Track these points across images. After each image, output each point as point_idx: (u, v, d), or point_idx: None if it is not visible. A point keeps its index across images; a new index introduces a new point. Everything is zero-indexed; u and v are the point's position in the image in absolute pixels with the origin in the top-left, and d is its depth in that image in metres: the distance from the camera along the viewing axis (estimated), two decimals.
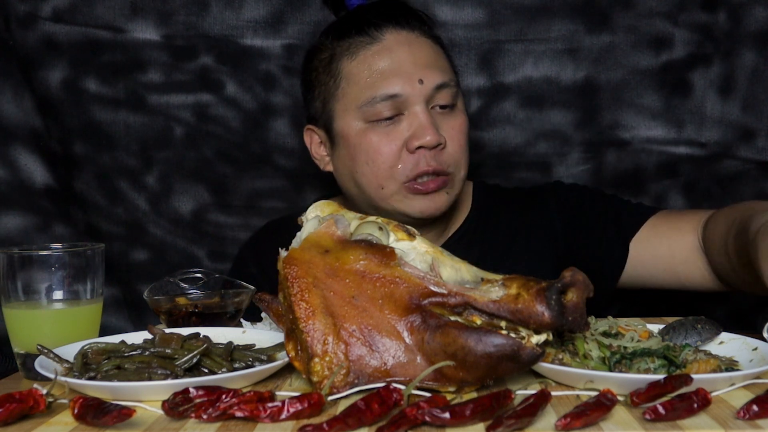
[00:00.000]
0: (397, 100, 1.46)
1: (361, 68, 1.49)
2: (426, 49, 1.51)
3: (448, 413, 0.82)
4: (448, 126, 1.49)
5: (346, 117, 1.50)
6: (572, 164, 1.93)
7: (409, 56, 1.48)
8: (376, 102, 1.46)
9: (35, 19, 1.86)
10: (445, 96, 1.49)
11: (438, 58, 1.52)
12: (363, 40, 1.50)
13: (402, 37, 1.50)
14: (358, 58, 1.49)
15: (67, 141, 1.90)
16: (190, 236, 1.95)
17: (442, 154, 1.48)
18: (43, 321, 1.14)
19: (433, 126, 1.46)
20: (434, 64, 1.50)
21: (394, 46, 1.49)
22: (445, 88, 1.49)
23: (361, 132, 1.49)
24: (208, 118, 1.92)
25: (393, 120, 1.48)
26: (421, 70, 1.47)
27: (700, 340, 1.10)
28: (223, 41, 1.90)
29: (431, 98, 1.48)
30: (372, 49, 1.49)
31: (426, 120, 1.46)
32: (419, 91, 1.46)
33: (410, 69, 1.47)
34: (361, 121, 1.49)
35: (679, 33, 1.89)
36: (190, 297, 1.30)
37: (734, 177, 1.91)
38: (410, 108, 1.47)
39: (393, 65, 1.47)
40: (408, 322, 0.94)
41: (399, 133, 1.47)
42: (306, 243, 1.01)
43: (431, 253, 0.99)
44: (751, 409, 0.83)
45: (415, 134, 1.46)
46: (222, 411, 0.86)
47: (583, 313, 0.93)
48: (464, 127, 1.52)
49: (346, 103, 1.50)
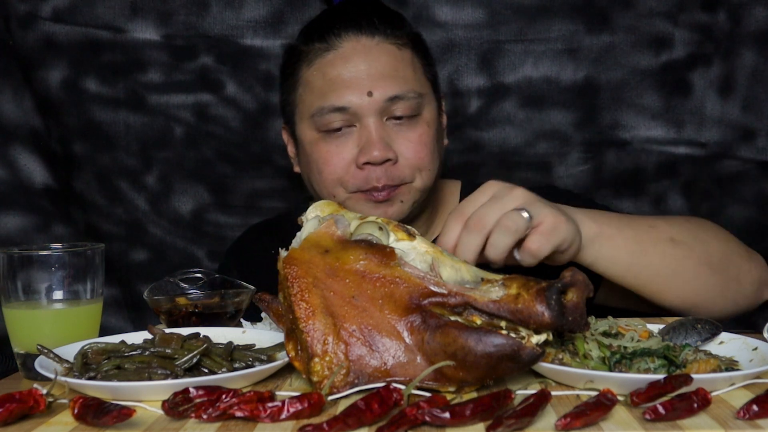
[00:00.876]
0: (347, 113, 1.42)
1: (316, 76, 1.45)
2: (384, 58, 1.44)
3: (448, 413, 0.82)
4: (404, 139, 1.43)
5: (302, 124, 1.48)
6: (572, 164, 1.93)
7: (363, 65, 1.42)
8: (325, 113, 1.42)
9: (35, 19, 1.86)
10: (403, 108, 1.43)
11: (399, 68, 1.44)
12: (321, 47, 1.45)
13: (360, 45, 1.44)
14: (314, 66, 1.45)
15: (67, 141, 1.90)
16: (189, 236, 1.95)
17: (394, 169, 1.42)
18: (43, 321, 1.13)
19: (382, 141, 1.41)
20: (392, 74, 1.43)
21: (349, 55, 1.43)
22: (402, 100, 1.42)
23: (313, 141, 1.46)
24: (208, 118, 1.92)
25: (344, 131, 1.43)
26: (373, 81, 1.41)
27: (700, 340, 1.10)
28: (223, 41, 1.90)
29: (384, 110, 1.42)
30: (327, 57, 1.44)
31: (375, 134, 1.41)
32: (369, 103, 1.41)
33: (361, 80, 1.41)
34: (313, 131, 1.45)
35: (679, 33, 1.89)
36: (190, 297, 1.30)
37: (734, 177, 1.91)
38: (362, 120, 1.42)
39: (345, 75, 1.42)
40: (408, 322, 0.94)
41: (349, 146, 1.43)
42: (306, 243, 1.01)
43: (431, 253, 0.99)
44: (751, 409, 0.83)
45: (363, 149, 1.41)
46: (222, 411, 0.86)
47: (583, 313, 0.93)
48: (425, 139, 1.45)
49: (302, 111, 1.47)
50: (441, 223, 1.59)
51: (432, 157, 1.47)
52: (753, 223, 1.93)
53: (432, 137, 1.47)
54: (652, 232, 1.29)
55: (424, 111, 1.47)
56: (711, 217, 1.92)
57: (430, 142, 1.46)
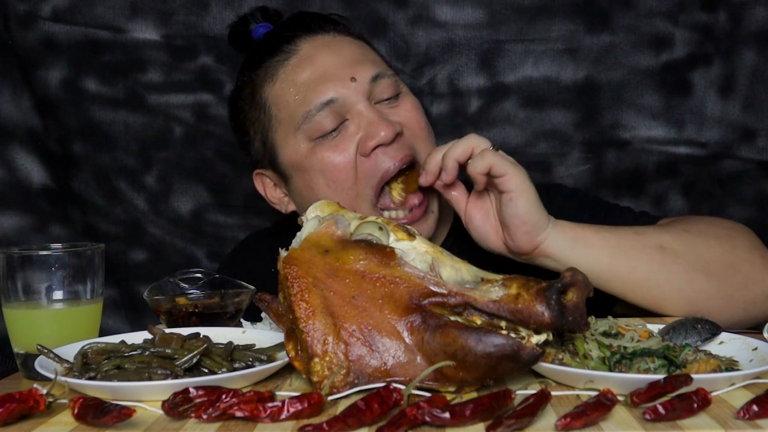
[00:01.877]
0: (335, 106, 1.35)
1: (286, 87, 1.37)
2: (348, 46, 1.40)
3: (448, 413, 0.82)
4: (400, 112, 1.38)
5: (288, 144, 1.38)
6: (572, 164, 1.93)
7: (332, 58, 1.37)
8: (312, 115, 1.34)
9: (35, 18, 1.86)
10: (386, 87, 1.37)
11: (365, 53, 1.41)
12: (278, 59, 1.39)
13: (318, 41, 1.40)
14: (279, 78, 1.38)
15: (66, 141, 1.90)
16: (189, 236, 1.95)
17: (404, 139, 1.35)
18: (43, 321, 1.13)
19: (384, 119, 1.34)
20: (362, 59, 1.39)
21: (312, 54, 1.38)
22: (383, 78, 1.37)
23: (308, 153, 1.36)
24: (208, 118, 1.92)
25: (338, 130, 1.35)
26: (350, 67, 1.36)
27: (700, 340, 1.10)
28: (223, 41, 1.89)
29: (371, 93, 1.36)
30: (290, 64, 1.38)
31: (373, 115, 1.34)
32: (355, 89, 1.35)
33: (337, 70, 1.36)
34: (306, 141, 1.36)
35: (680, 33, 1.89)
36: (190, 297, 1.30)
37: (734, 177, 1.91)
38: (352, 110, 1.35)
39: (318, 72, 1.36)
40: (408, 322, 0.94)
41: (349, 140, 1.35)
42: (306, 243, 1.01)
43: (431, 253, 0.99)
44: (751, 409, 0.83)
45: (367, 134, 1.33)
46: (222, 411, 0.86)
47: (583, 313, 0.93)
48: (418, 111, 1.39)
49: (284, 130, 1.38)
50: (444, 226, 1.55)
51: (429, 135, 1.41)
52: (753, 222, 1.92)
53: (422, 114, 1.42)
54: (639, 237, 1.28)
55: (404, 88, 1.43)
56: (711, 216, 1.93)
57: (422, 116, 1.41)
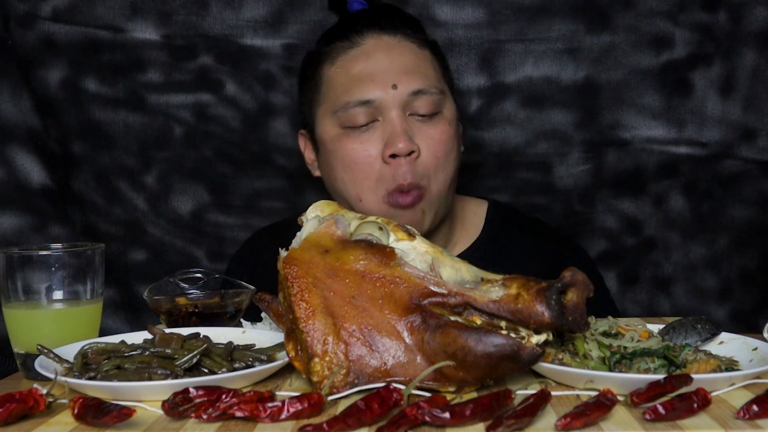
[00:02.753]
0: (372, 106, 1.43)
1: (339, 73, 1.46)
2: (407, 54, 1.47)
3: (448, 413, 0.82)
4: (426, 135, 1.44)
5: (324, 122, 1.49)
6: (572, 164, 1.92)
7: (386, 60, 1.45)
8: (349, 107, 1.43)
9: (35, 18, 1.86)
10: (425, 104, 1.44)
11: (420, 65, 1.47)
12: (344, 45, 1.48)
13: (382, 41, 1.47)
14: (337, 63, 1.47)
15: (66, 141, 1.90)
16: (189, 236, 1.95)
17: (416, 164, 1.42)
18: (43, 321, 1.13)
19: (406, 133, 1.41)
20: (413, 70, 1.45)
21: (372, 51, 1.46)
22: (424, 95, 1.43)
23: (336, 138, 1.46)
24: (208, 118, 1.92)
25: (368, 126, 1.43)
26: (397, 75, 1.43)
27: (700, 340, 1.10)
28: (223, 41, 1.90)
29: (408, 105, 1.43)
30: (350, 54, 1.46)
31: (399, 127, 1.41)
32: (393, 96, 1.42)
33: (385, 74, 1.43)
34: (337, 127, 1.46)
35: (680, 33, 1.88)
36: (190, 297, 1.30)
37: (735, 177, 1.91)
38: (385, 114, 1.43)
39: (368, 70, 1.44)
40: (408, 322, 0.94)
41: (374, 140, 1.43)
42: (306, 243, 1.01)
43: (431, 253, 0.99)
44: (751, 409, 0.83)
45: (388, 142, 1.41)
46: (222, 411, 0.86)
47: (583, 313, 0.93)
48: (445, 137, 1.45)
49: (325, 108, 1.48)
50: (460, 241, 1.58)
51: (448, 159, 1.46)
52: (754, 223, 1.93)
53: (451, 137, 1.47)
54: None
55: (445, 110, 1.48)
56: (712, 216, 1.93)
57: (449, 141, 1.46)
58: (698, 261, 1.94)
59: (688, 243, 1.94)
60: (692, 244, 1.94)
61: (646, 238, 1.95)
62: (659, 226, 1.94)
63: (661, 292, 1.96)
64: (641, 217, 1.94)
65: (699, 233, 1.94)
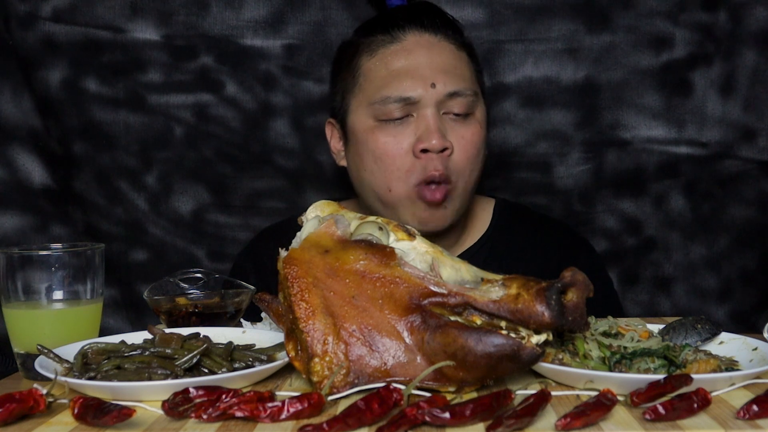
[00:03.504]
0: (409, 103, 1.46)
1: (379, 66, 1.49)
2: (446, 54, 1.50)
3: (448, 413, 0.82)
4: (458, 135, 1.47)
5: (358, 112, 1.51)
6: (572, 164, 1.93)
7: (426, 59, 1.47)
8: (388, 102, 1.46)
9: (35, 19, 1.86)
10: (460, 104, 1.47)
11: (458, 65, 1.50)
12: (384, 39, 1.50)
13: (423, 39, 1.49)
14: (377, 56, 1.50)
15: (67, 141, 1.90)
16: (189, 236, 1.95)
17: (449, 160, 1.46)
18: (43, 321, 1.13)
19: (440, 131, 1.44)
20: (452, 71, 1.48)
21: (413, 48, 1.48)
22: (460, 96, 1.47)
23: (369, 129, 1.48)
24: (208, 118, 1.92)
25: (402, 120, 1.47)
26: (437, 74, 1.46)
27: (700, 340, 1.10)
28: (223, 41, 1.90)
29: (443, 104, 1.47)
30: (391, 48, 1.49)
31: (433, 124, 1.45)
32: (431, 94, 1.45)
33: (425, 72, 1.46)
34: (371, 119, 1.48)
35: (680, 33, 1.88)
36: (190, 297, 1.30)
37: (735, 177, 1.91)
38: (420, 111, 1.46)
39: (409, 66, 1.47)
40: (408, 322, 0.94)
41: (407, 134, 1.46)
42: (306, 243, 1.01)
43: (431, 253, 0.99)
44: (751, 409, 0.83)
45: (421, 137, 1.45)
46: (222, 411, 0.86)
47: (583, 313, 0.93)
48: (476, 139, 1.49)
49: (361, 99, 1.50)
50: (468, 237, 1.61)
51: (478, 159, 1.50)
52: (754, 223, 1.92)
53: (482, 138, 1.51)
54: None
55: (477, 112, 1.51)
56: (712, 216, 1.93)
57: (479, 142, 1.50)
58: (698, 261, 1.94)
59: (688, 243, 1.94)
60: (692, 244, 1.94)
61: (646, 238, 1.95)
62: (659, 226, 1.94)
63: (661, 292, 1.96)
64: (641, 217, 1.94)
65: (699, 233, 1.94)
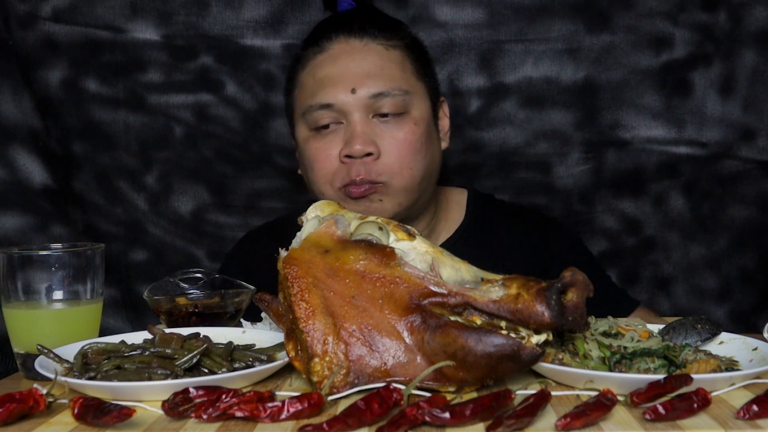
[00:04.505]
0: (334, 109, 1.46)
1: (308, 77, 1.51)
2: (371, 57, 1.48)
3: (448, 413, 0.82)
4: (389, 136, 1.46)
5: (298, 124, 1.54)
6: (572, 164, 1.93)
7: (349, 65, 1.48)
8: (313, 110, 1.48)
9: (35, 19, 1.86)
10: (389, 105, 1.46)
11: (385, 66, 1.48)
12: (314, 51, 1.52)
13: (348, 46, 1.49)
14: (307, 68, 1.52)
15: (67, 141, 1.90)
16: (189, 236, 1.95)
17: (375, 164, 1.45)
18: (43, 321, 1.13)
19: (364, 135, 1.44)
20: (377, 73, 1.47)
21: (338, 55, 1.49)
22: (387, 96, 1.46)
23: (306, 139, 1.51)
24: (208, 118, 1.92)
25: (332, 129, 1.48)
26: (358, 79, 1.46)
27: (700, 340, 1.10)
28: (223, 41, 1.90)
29: (371, 107, 1.46)
30: (318, 59, 1.51)
31: (358, 129, 1.45)
32: (353, 99, 1.45)
33: (346, 78, 1.46)
34: (306, 129, 1.51)
35: (680, 33, 1.89)
36: (190, 297, 1.30)
37: (735, 177, 1.91)
38: (348, 117, 1.46)
39: (331, 74, 1.48)
40: (408, 322, 0.94)
41: (336, 141, 1.47)
42: (306, 243, 1.01)
43: (431, 253, 0.99)
44: (751, 409, 0.83)
45: (346, 142, 1.46)
46: (222, 411, 0.86)
47: (583, 313, 0.93)
48: (411, 137, 1.47)
49: (297, 111, 1.54)
50: (444, 229, 1.61)
51: (416, 157, 1.48)
52: (754, 223, 1.93)
53: (419, 137, 1.48)
54: None
55: (412, 110, 1.49)
56: (712, 216, 1.93)
57: (415, 141, 1.48)
58: (698, 261, 1.94)
59: (688, 243, 1.94)
60: (692, 244, 1.94)
61: (645, 238, 1.95)
62: (659, 226, 1.94)
63: (660, 292, 1.96)
64: (641, 217, 1.94)
65: (699, 233, 1.94)
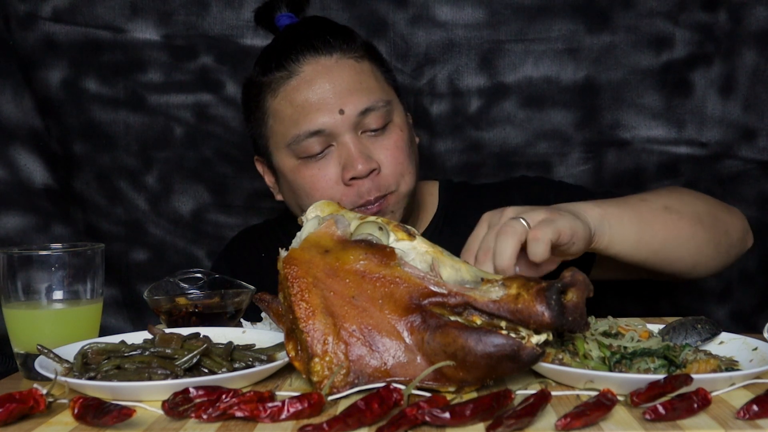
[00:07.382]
0: (323, 135, 1.43)
1: (284, 105, 1.45)
2: (347, 73, 1.45)
3: (448, 413, 0.82)
4: (381, 148, 1.45)
5: (279, 154, 1.49)
6: (572, 164, 1.93)
7: (328, 86, 1.43)
8: (301, 140, 1.43)
9: (35, 19, 1.86)
10: (376, 119, 1.45)
11: (363, 80, 1.46)
12: (282, 75, 1.46)
13: (320, 65, 1.45)
14: (280, 95, 1.46)
15: (67, 141, 1.90)
16: (189, 236, 1.95)
17: (379, 178, 1.44)
18: (43, 321, 1.13)
19: (363, 154, 1.43)
20: (358, 88, 1.45)
21: (312, 78, 1.44)
22: (373, 110, 1.44)
23: (295, 168, 1.47)
24: (208, 118, 1.92)
25: (324, 154, 1.44)
26: (342, 98, 1.43)
27: (700, 340, 1.10)
28: (223, 41, 1.90)
29: (359, 124, 1.44)
30: (291, 84, 1.45)
31: (355, 149, 1.42)
32: (342, 121, 1.42)
33: (330, 100, 1.43)
34: (293, 158, 1.46)
35: (680, 33, 1.89)
36: (190, 297, 1.30)
37: (735, 177, 1.91)
38: (338, 139, 1.44)
39: (313, 98, 1.43)
40: (408, 322, 0.94)
41: (332, 165, 1.44)
42: (306, 243, 1.01)
43: (431, 253, 0.99)
44: (751, 409, 0.83)
45: (345, 165, 1.43)
46: (222, 411, 0.86)
47: (583, 313, 0.93)
48: (401, 143, 1.47)
49: (276, 141, 1.49)
50: (418, 221, 1.61)
51: (410, 160, 1.49)
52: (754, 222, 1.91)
53: (406, 140, 1.49)
54: (647, 204, 1.33)
55: (395, 116, 1.49)
56: None
57: (405, 146, 1.49)
58: None
59: None
60: None
61: None
62: None
63: (661, 292, 1.96)
64: None
65: None
